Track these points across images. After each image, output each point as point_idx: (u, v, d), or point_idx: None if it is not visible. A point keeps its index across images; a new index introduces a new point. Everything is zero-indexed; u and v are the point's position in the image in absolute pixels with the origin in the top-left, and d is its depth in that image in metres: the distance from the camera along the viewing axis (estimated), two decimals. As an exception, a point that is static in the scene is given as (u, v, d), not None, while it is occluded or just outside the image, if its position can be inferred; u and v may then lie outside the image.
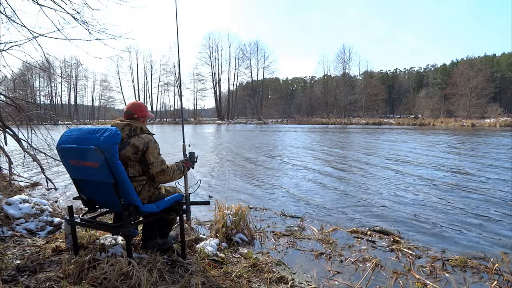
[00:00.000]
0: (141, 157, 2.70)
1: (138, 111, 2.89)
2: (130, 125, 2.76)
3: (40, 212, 3.96)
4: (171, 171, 2.78)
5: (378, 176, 8.33)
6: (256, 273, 2.94)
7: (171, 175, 2.79)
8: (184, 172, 2.96)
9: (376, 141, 19.67)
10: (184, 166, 2.97)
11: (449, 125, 39.54)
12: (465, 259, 3.39)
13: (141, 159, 2.70)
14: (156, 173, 2.71)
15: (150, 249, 3.00)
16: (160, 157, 2.75)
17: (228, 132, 33.35)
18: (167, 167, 2.77)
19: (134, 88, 72.01)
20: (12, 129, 6.28)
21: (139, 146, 2.66)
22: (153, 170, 2.70)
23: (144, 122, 2.96)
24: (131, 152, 2.65)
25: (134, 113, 2.87)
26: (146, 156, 2.69)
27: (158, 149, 2.78)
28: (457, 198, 6.09)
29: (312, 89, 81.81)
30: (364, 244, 3.89)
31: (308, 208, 5.54)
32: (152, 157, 2.69)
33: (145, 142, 2.69)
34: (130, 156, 2.66)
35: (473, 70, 50.28)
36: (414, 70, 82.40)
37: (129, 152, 2.65)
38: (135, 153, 2.66)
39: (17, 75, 9.23)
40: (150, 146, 2.70)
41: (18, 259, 2.90)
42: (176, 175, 2.86)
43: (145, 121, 2.98)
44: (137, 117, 2.88)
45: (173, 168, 2.82)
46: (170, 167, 2.80)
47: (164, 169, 2.73)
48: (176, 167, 2.87)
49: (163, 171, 2.73)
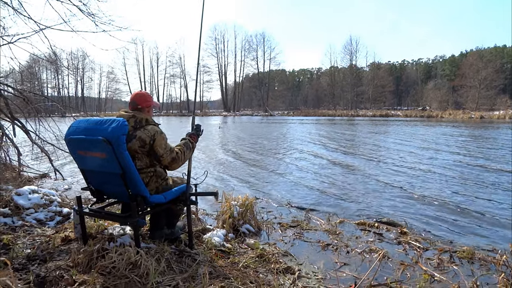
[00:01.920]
0: (149, 150, 2.69)
1: (142, 101, 2.86)
2: (135, 117, 2.73)
3: (49, 203, 4.01)
4: (181, 155, 2.81)
5: (384, 168, 8.28)
6: (263, 264, 2.95)
7: (182, 159, 2.82)
8: (193, 147, 2.99)
9: (382, 132, 19.55)
10: (191, 142, 2.99)
11: (457, 117, 39.11)
12: (473, 251, 3.37)
13: (150, 152, 2.70)
14: (168, 163, 2.74)
15: (158, 239, 3.02)
16: (168, 146, 2.75)
17: (234, 124, 33.34)
18: (176, 153, 2.78)
19: (140, 80, 72.20)
20: (21, 121, 6.33)
21: (145, 140, 2.65)
22: (165, 161, 2.72)
23: (150, 112, 2.93)
24: (137, 146, 2.64)
25: (138, 103, 2.84)
26: (154, 149, 2.68)
27: (165, 139, 2.77)
28: (464, 190, 6.05)
29: (318, 80, 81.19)
30: (371, 235, 3.88)
31: (314, 200, 5.54)
32: (161, 149, 2.69)
33: (151, 135, 2.67)
34: (137, 149, 2.65)
35: (482, 61, 49.60)
36: (422, 61, 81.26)
37: (135, 146, 2.63)
38: (142, 146, 2.66)
39: (24, 68, 9.29)
40: (156, 138, 2.68)
41: (29, 248, 2.94)
42: (188, 155, 2.90)
43: (150, 111, 2.95)
44: (142, 108, 2.85)
45: (182, 151, 2.84)
46: (179, 151, 2.82)
47: (174, 157, 2.75)
48: (184, 147, 2.89)
49: (174, 159, 2.74)
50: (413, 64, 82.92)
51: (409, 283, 2.76)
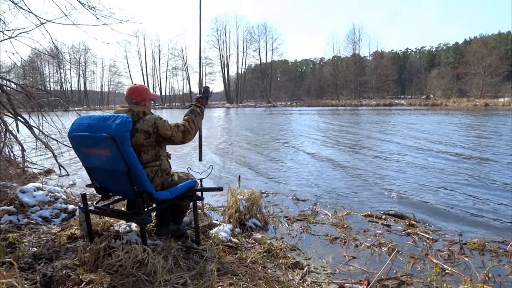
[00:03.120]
0: (156, 138, 2.62)
1: (137, 96, 2.78)
2: (132, 111, 2.66)
3: (54, 200, 3.99)
4: (191, 125, 2.76)
5: (390, 158, 8.22)
6: (271, 259, 2.92)
7: (193, 127, 2.77)
8: (201, 112, 2.94)
9: (387, 122, 19.42)
10: (198, 106, 2.95)
11: (461, 105, 38.82)
12: (483, 242, 3.32)
13: (158, 140, 2.64)
14: (181, 138, 2.69)
15: (164, 236, 2.99)
16: (172, 124, 2.68)
17: (238, 115, 33.25)
18: (183, 125, 2.72)
19: (142, 73, 71.99)
20: (24, 117, 6.30)
21: (148, 130, 2.59)
22: (177, 138, 2.67)
23: (147, 105, 2.84)
24: (143, 138, 2.58)
25: (133, 98, 2.77)
26: (162, 134, 2.61)
27: (167, 121, 2.70)
28: (473, 180, 5.98)
29: (321, 70, 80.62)
30: (379, 228, 3.84)
31: (321, 192, 5.49)
32: (167, 130, 2.62)
33: (152, 124, 2.60)
34: (143, 142, 2.59)
35: (486, 48, 49.02)
36: (426, 49, 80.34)
37: (141, 139, 2.58)
38: (147, 138, 2.59)
39: (26, 62, 9.24)
40: (159, 124, 2.61)
41: (34, 246, 2.92)
42: (198, 121, 2.85)
43: (148, 103, 2.85)
44: (137, 102, 2.77)
45: (190, 120, 2.78)
46: (186, 121, 2.76)
47: (184, 130, 2.69)
48: (191, 114, 2.83)
49: (184, 132, 2.69)
50: (417, 52, 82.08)
51: (420, 277, 2.72)
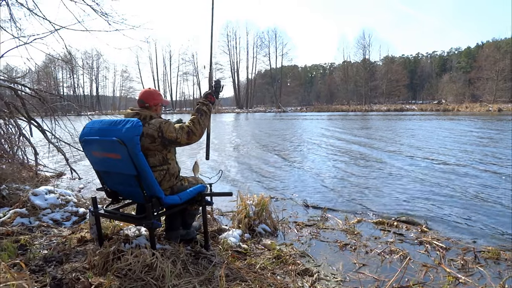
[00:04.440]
0: (162, 141, 2.61)
1: (150, 99, 2.82)
2: (139, 114, 2.68)
3: (65, 203, 4.03)
4: (196, 126, 2.69)
5: (401, 164, 8.11)
6: (280, 265, 2.89)
7: (198, 128, 2.70)
8: (208, 110, 2.85)
9: (398, 127, 19.23)
10: (205, 103, 2.87)
11: (474, 110, 38.23)
12: (498, 251, 3.25)
13: (164, 143, 2.63)
14: (187, 139, 2.64)
15: (173, 240, 2.99)
16: (177, 126, 2.65)
17: (248, 120, 33.30)
18: (188, 126, 2.67)
19: (153, 78, 72.95)
20: (37, 121, 6.40)
21: (153, 134, 2.59)
22: (182, 140, 2.63)
23: (158, 109, 2.88)
24: (148, 142, 2.59)
25: (146, 101, 2.81)
26: (168, 137, 2.60)
27: (172, 123, 2.69)
28: (485, 187, 5.86)
29: (331, 76, 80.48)
30: (390, 235, 3.78)
31: (330, 198, 5.44)
32: (172, 133, 2.60)
33: (157, 127, 2.60)
34: (149, 146, 2.60)
35: (499, 53, 48.41)
36: (437, 54, 79.61)
37: (146, 143, 2.58)
38: (152, 141, 2.60)
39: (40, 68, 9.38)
40: (163, 128, 2.60)
41: (45, 249, 2.94)
42: (204, 121, 2.77)
43: (159, 108, 2.89)
44: (150, 106, 2.81)
45: (195, 121, 2.72)
46: (193, 121, 2.71)
47: (188, 131, 2.64)
48: (197, 114, 2.77)
49: (189, 133, 2.64)
50: (428, 57, 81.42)
51: (433, 286, 2.66)
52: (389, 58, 66.79)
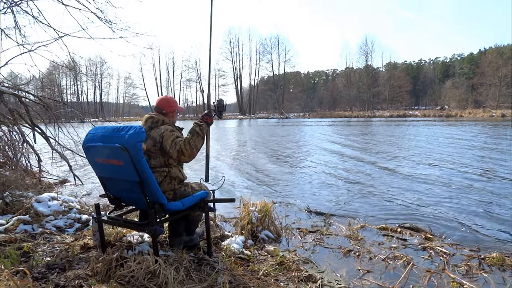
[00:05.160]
0: (161, 148, 2.71)
1: (167, 106, 2.95)
2: (153, 118, 2.83)
3: (68, 209, 4.02)
4: (187, 146, 2.66)
5: (404, 170, 8.08)
6: (284, 272, 2.87)
7: (188, 149, 2.66)
8: (201, 131, 2.78)
9: (401, 133, 19.19)
10: (199, 124, 2.80)
11: (477, 116, 38.15)
12: (503, 257, 3.21)
13: (162, 150, 2.72)
14: (176, 157, 2.70)
15: (177, 246, 2.98)
16: (174, 141, 2.67)
17: (250, 126, 33.33)
18: (181, 145, 2.65)
19: (157, 85, 73.30)
20: (40, 127, 6.43)
21: (156, 138, 2.71)
22: (173, 155, 2.69)
23: (174, 116, 3.03)
24: (151, 145, 2.71)
25: (163, 108, 2.94)
26: (164, 146, 2.69)
27: (175, 135, 2.73)
28: (490, 194, 5.82)
29: (334, 82, 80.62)
30: (394, 241, 3.75)
31: (333, 204, 5.42)
32: (167, 144, 2.68)
33: (161, 133, 2.71)
34: (151, 148, 2.71)
35: (502, 59, 48.46)
36: (440, 60, 79.76)
37: (149, 145, 2.71)
38: (154, 145, 2.71)
39: (45, 75, 9.46)
40: (165, 135, 2.70)
41: (48, 256, 2.93)
42: (196, 142, 2.72)
43: (175, 115, 3.04)
44: (166, 113, 2.94)
45: (187, 141, 2.69)
46: (185, 142, 2.68)
47: (179, 149, 2.65)
48: (189, 135, 2.74)
49: (179, 152, 2.66)
50: (430, 63, 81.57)
51: (437, 292, 2.63)
52: (392, 64, 67.01)
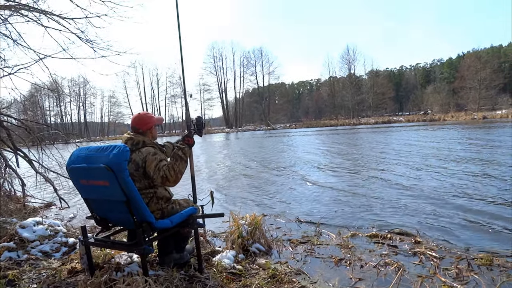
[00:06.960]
0: (144, 173, 2.66)
1: (142, 125, 2.86)
2: (132, 139, 2.74)
3: (55, 233, 3.94)
4: (171, 171, 2.59)
5: (391, 176, 8.17)
6: (276, 284, 2.85)
7: (172, 174, 2.60)
8: (183, 154, 2.72)
9: (387, 140, 19.45)
10: (181, 148, 2.75)
11: (460, 119, 39.00)
12: (491, 257, 3.26)
13: (145, 175, 2.67)
14: (161, 183, 2.64)
15: (167, 265, 2.93)
16: (158, 166, 2.61)
17: (238, 140, 33.33)
18: (164, 171, 2.59)
19: (141, 102, 72.75)
20: (23, 151, 6.32)
21: (138, 163, 2.64)
22: (157, 181, 2.65)
23: (153, 132, 2.92)
24: (133, 169, 2.63)
25: (138, 128, 2.85)
26: (147, 171, 2.64)
27: (157, 159, 2.66)
28: (476, 195, 5.92)
29: (318, 91, 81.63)
30: (385, 247, 3.77)
31: (323, 213, 5.43)
32: (151, 170, 2.62)
33: (143, 157, 2.65)
34: (133, 172, 2.63)
35: (480, 62, 49.93)
36: (420, 66, 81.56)
37: (132, 169, 2.62)
38: (137, 169, 2.65)
39: (26, 97, 9.33)
40: (148, 160, 2.64)
41: (35, 283, 2.86)
42: (179, 166, 2.64)
43: (153, 131, 2.93)
44: (143, 131, 2.85)
45: (170, 166, 2.62)
46: (169, 167, 2.61)
47: (162, 175, 2.59)
48: (172, 159, 2.67)
49: (163, 178, 2.60)
50: (411, 69, 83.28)
51: (429, 296, 2.65)
52: (374, 72, 68.22)
